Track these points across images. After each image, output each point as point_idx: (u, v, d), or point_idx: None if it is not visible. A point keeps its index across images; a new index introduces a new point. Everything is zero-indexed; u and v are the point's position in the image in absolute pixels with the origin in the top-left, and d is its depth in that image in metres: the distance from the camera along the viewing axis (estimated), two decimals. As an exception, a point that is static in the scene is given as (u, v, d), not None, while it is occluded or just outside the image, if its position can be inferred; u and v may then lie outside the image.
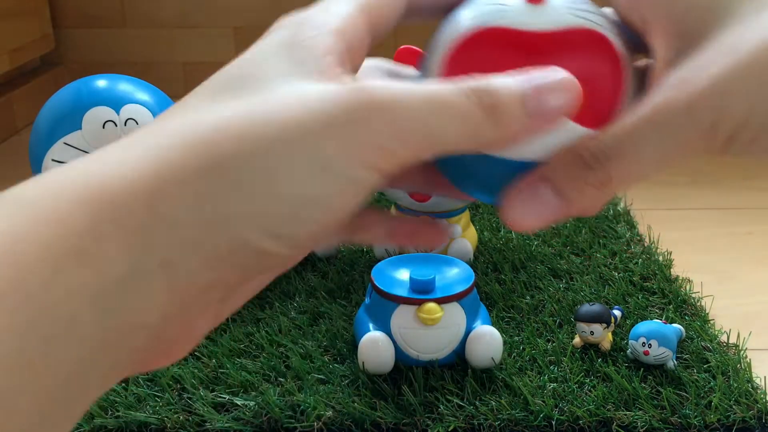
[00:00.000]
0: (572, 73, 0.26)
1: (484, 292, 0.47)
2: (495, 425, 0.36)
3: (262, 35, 0.25)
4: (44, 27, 1.01)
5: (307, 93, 0.21)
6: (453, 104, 0.22)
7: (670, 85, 0.25)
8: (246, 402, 0.37)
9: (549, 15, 0.27)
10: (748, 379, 0.38)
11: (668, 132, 0.24)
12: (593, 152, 0.25)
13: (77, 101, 0.44)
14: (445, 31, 0.27)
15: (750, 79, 0.23)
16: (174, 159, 0.20)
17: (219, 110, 0.21)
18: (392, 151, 0.21)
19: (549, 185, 0.25)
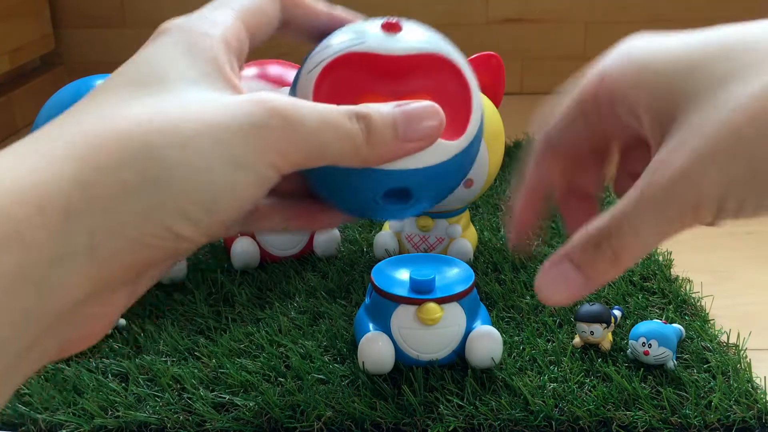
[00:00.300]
0: (426, 90, 0.31)
1: (484, 292, 0.47)
2: (495, 425, 0.36)
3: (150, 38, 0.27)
4: (44, 27, 1.01)
5: (219, 100, 0.24)
6: (340, 124, 0.25)
7: (653, 169, 0.27)
8: (246, 402, 0.37)
9: (402, 42, 0.31)
10: (748, 379, 0.38)
11: (657, 212, 0.27)
12: (600, 233, 0.28)
13: (77, 101, 0.44)
14: (315, 56, 0.31)
15: (719, 159, 0.26)
16: (101, 149, 0.21)
17: (139, 106, 0.23)
18: (289, 155, 0.24)
19: (570, 263, 0.29)
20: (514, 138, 0.81)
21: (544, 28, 1.05)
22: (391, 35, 0.31)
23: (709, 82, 0.28)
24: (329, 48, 0.31)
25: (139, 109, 0.23)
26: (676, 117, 0.28)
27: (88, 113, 0.23)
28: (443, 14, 1.04)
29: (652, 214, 0.27)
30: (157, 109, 0.23)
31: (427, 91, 0.31)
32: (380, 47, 0.31)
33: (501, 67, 0.49)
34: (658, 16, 1.04)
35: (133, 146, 0.22)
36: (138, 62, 0.26)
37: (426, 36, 0.32)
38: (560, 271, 0.29)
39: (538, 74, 1.06)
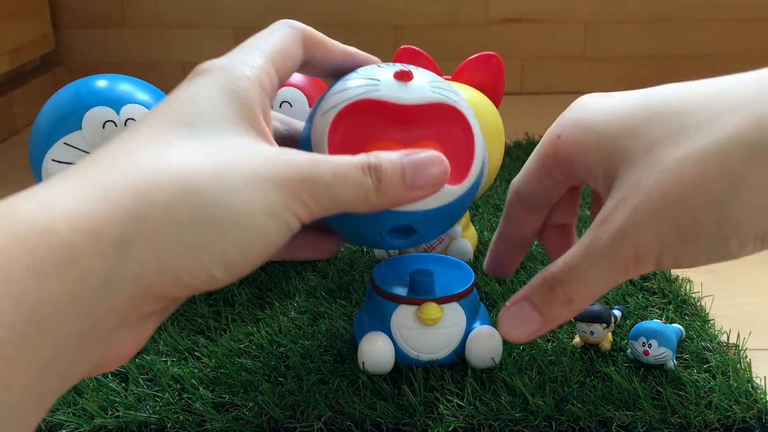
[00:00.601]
0: (433, 136, 0.33)
1: (484, 292, 0.47)
2: (495, 425, 0.36)
3: (190, 76, 0.29)
4: (44, 27, 1.01)
5: (256, 150, 0.26)
6: (353, 177, 0.28)
7: (598, 223, 0.30)
8: (246, 402, 0.37)
9: (414, 91, 0.33)
10: (748, 379, 0.38)
11: (603, 262, 0.30)
12: (554, 278, 0.32)
13: (77, 101, 0.44)
14: (331, 97, 0.33)
15: (651, 218, 0.29)
16: (157, 185, 0.23)
17: (186, 148, 0.25)
18: (310, 207, 0.26)
19: (529, 303, 0.32)
20: (514, 138, 0.81)
21: (544, 28, 1.05)
22: (403, 84, 0.32)
23: (646, 145, 0.30)
24: (345, 92, 0.34)
25: (188, 151, 0.25)
26: (619, 175, 0.31)
27: (139, 149, 0.25)
28: (443, 14, 1.04)
29: (598, 265, 0.30)
30: (205, 153, 0.25)
31: (434, 137, 0.34)
32: (392, 96, 0.33)
33: (501, 67, 0.49)
34: (658, 16, 1.04)
35: (185, 186, 0.23)
36: (180, 101, 0.28)
37: (435, 85, 0.34)
38: (519, 311, 0.33)
39: (538, 74, 1.06)
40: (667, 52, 1.05)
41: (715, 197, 0.27)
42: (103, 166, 0.23)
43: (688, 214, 0.28)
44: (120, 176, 0.23)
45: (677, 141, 0.29)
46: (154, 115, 0.27)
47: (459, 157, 0.34)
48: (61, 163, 0.43)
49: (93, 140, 0.44)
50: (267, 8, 1.04)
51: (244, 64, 0.30)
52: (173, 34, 1.06)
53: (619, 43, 1.04)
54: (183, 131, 0.26)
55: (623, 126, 0.31)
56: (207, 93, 0.28)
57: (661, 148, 0.29)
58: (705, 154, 0.28)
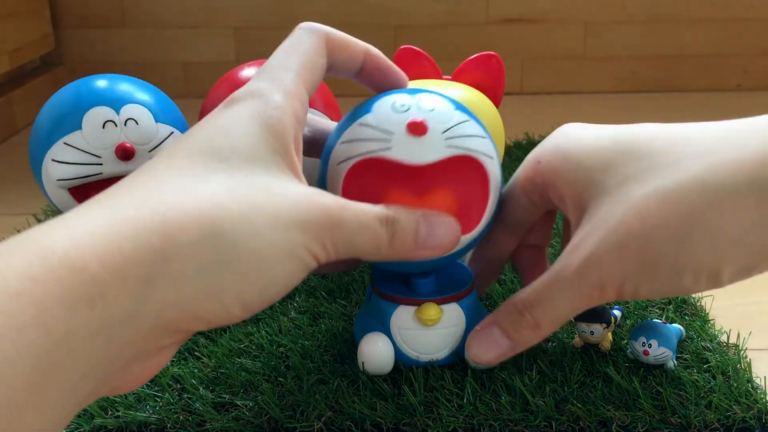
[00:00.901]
0: (448, 185, 0.34)
1: (486, 292, 0.47)
2: (495, 425, 0.36)
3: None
4: (44, 27, 1.01)
5: (284, 190, 0.27)
6: (372, 228, 0.29)
7: (566, 253, 0.33)
8: (246, 402, 0.37)
9: (427, 147, 0.33)
10: (748, 379, 0.38)
11: (569, 291, 0.32)
12: (523, 303, 0.33)
13: (77, 101, 0.44)
14: (344, 146, 0.34)
15: (616, 250, 0.31)
16: (184, 226, 0.24)
17: (216, 185, 0.25)
18: (328, 249, 0.27)
19: (498, 328, 0.34)
20: (514, 138, 0.81)
21: (544, 28, 1.05)
22: (416, 139, 0.32)
23: (618, 180, 0.32)
24: (357, 144, 0.34)
25: (218, 189, 0.25)
26: (590, 207, 0.33)
27: (171, 182, 0.25)
28: (443, 14, 1.04)
29: (565, 292, 0.32)
30: (233, 193, 0.25)
31: (449, 187, 0.34)
32: (405, 156, 0.33)
33: (501, 67, 0.49)
34: (658, 16, 1.04)
35: (211, 230, 0.24)
36: (215, 131, 0.28)
37: (451, 134, 0.34)
38: (488, 335, 0.34)
39: (538, 74, 1.06)
40: (667, 52, 1.05)
41: (675, 234, 0.30)
42: (135, 199, 0.24)
43: (650, 248, 0.30)
44: (150, 214, 0.23)
45: (645, 178, 0.31)
46: (189, 145, 0.27)
47: (472, 206, 0.35)
48: (61, 163, 0.43)
49: (93, 140, 0.44)
50: (267, 8, 1.04)
51: (277, 91, 0.30)
52: (173, 34, 1.06)
53: (619, 43, 1.04)
54: (215, 165, 0.26)
55: (599, 160, 0.33)
56: (241, 124, 0.28)
57: (630, 184, 0.31)
58: (668, 193, 0.30)
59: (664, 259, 0.30)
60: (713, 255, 0.30)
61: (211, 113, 0.30)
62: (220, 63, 1.06)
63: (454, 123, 0.34)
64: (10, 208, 0.70)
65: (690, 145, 0.31)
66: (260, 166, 0.27)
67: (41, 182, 0.45)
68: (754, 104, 1.00)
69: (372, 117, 0.34)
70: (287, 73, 0.31)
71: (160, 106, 0.46)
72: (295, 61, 0.31)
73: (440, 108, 0.34)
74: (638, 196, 0.31)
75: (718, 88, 1.06)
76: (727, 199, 0.29)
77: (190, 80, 1.07)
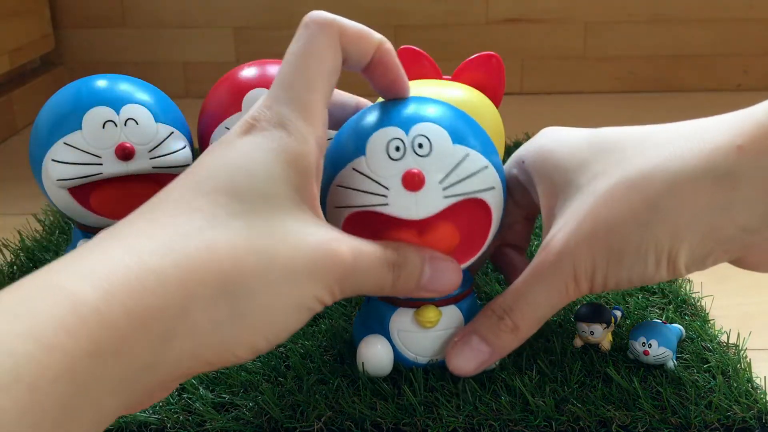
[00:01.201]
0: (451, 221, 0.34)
1: (484, 292, 0.47)
2: (495, 425, 0.36)
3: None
4: (44, 27, 1.01)
5: (303, 240, 0.27)
6: (379, 272, 0.30)
7: (540, 251, 0.34)
8: (246, 402, 0.37)
9: (425, 201, 0.33)
10: (748, 379, 0.38)
11: (546, 284, 0.33)
12: (501, 307, 0.34)
13: (77, 101, 0.44)
14: (339, 194, 0.33)
15: (586, 238, 0.32)
16: (202, 280, 0.24)
17: (235, 233, 0.26)
18: (334, 293, 0.28)
19: (477, 336, 0.35)
20: (514, 138, 0.81)
21: (544, 28, 1.05)
22: (413, 194, 0.33)
23: (588, 177, 0.34)
24: (354, 196, 0.33)
25: (236, 240, 0.26)
26: (563, 203, 0.34)
27: (190, 223, 0.26)
28: (443, 14, 1.04)
29: (541, 288, 0.33)
30: (251, 245, 0.26)
31: (452, 222, 0.34)
32: (403, 212, 0.33)
33: (501, 67, 0.49)
34: (658, 16, 1.04)
35: (228, 284, 0.25)
36: (235, 169, 0.28)
37: (450, 182, 0.33)
38: (468, 344, 0.35)
39: (538, 74, 1.06)
40: (667, 52, 1.05)
41: (639, 218, 0.31)
42: (157, 244, 0.25)
43: (617, 234, 0.32)
44: (172, 268, 0.24)
45: (613, 172, 0.33)
46: (212, 182, 0.27)
47: (475, 237, 0.35)
48: (61, 163, 0.43)
49: (93, 140, 0.44)
50: (267, 8, 1.04)
51: (300, 118, 0.29)
52: (173, 34, 1.06)
53: (619, 43, 1.04)
54: (236, 207, 0.26)
55: (574, 160, 0.35)
56: (264, 162, 0.28)
57: (599, 178, 0.33)
58: (633, 180, 0.32)
59: (629, 245, 0.32)
60: (671, 237, 0.31)
61: (231, 139, 0.29)
62: (220, 63, 1.06)
63: (453, 166, 0.33)
64: (10, 208, 0.70)
65: (653, 140, 0.33)
66: (280, 208, 0.27)
67: (41, 182, 0.45)
68: (754, 104, 1.00)
69: (366, 163, 0.33)
70: (308, 90, 0.30)
71: (160, 106, 0.46)
72: (313, 71, 0.30)
73: (437, 146, 0.33)
74: (605, 187, 0.33)
75: (718, 88, 1.06)
76: (685, 184, 0.31)
77: (190, 80, 1.07)
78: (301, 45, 0.30)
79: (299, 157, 0.28)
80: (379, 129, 0.33)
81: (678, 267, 0.32)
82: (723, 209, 0.31)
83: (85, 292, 0.22)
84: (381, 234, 0.34)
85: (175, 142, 0.45)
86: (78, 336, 0.21)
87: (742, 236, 0.32)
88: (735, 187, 0.31)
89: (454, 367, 0.36)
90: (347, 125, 0.36)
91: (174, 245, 0.25)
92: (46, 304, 0.21)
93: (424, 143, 0.33)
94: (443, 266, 0.33)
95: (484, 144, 0.35)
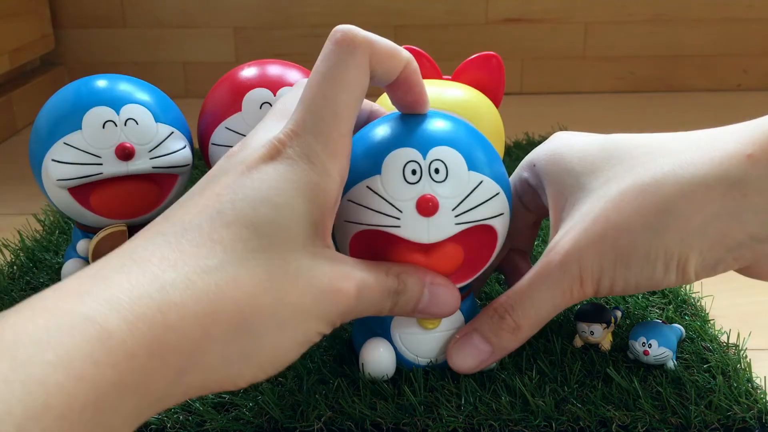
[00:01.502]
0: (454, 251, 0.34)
1: (484, 292, 0.47)
2: (495, 425, 0.36)
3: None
4: (44, 27, 1.01)
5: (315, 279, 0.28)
6: (380, 298, 0.31)
7: (547, 251, 0.34)
8: (246, 402, 0.37)
9: (437, 227, 0.33)
10: (748, 379, 0.38)
11: (550, 285, 0.33)
12: (503, 306, 0.34)
13: (77, 101, 0.44)
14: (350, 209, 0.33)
15: (594, 241, 0.32)
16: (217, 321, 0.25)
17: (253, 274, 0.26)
18: (335, 325, 0.29)
19: (477, 334, 0.35)
20: (514, 138, 0.81)
21: (544, 28, 1.05)
22: (425, 219, 0.33)
23: (600, 182, 0.34)
24: (364, 213, 0.33)
25: (252, 279, 0.26)
26: (573, 206, 0.34)
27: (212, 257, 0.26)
28: (443, 14, 1.04)
29: (546, 289, 0.33)
30: (266, 286, 0.27)
31: (457, 249, 0.34)
32: (414, 236, 0.33)
33: (501, 67, 0.49)
34: (658, 15, 1.04)
35: (241, 324, 0.26)
36: (258, 199, 0.28)
37: (462, 209, 0.33)
38: (469, 342, 0.35)
39: (538, 74, 1.06)
40: (667, 52, 1.05)
41: (649, 223, 0.31)
42: (181, 277, 0.25)
43: (626, 238, 0.32)
44: (193, 304, 0.25)
45: (624, 177, 0.33)
46: (234, 212, 0.27)
47: (478, 258, 0.36)
48: (61, 163, 0.43)
49: (93, 140, 0.44)
50: (267, 8, 1.04)
51: (325, 152, 0.29)
52: (173, 34, 1.06)
53: (619, 43, 1.04)
54: (255, 242, 0.27)
55: (586, 164, 0.35)
56: (287, 195, 0.28)
57: (610, 183, 0.33)
58: (644, 185, 0.32)
59: (638, 249, 0.32)
60: (681, 243, 0.31)
61: (255, 163, 0.29)
62: (220, 63, 1.06)
63: (467, 194, 0.33)
64: (10, 208, 0.70)
65: (666, 148, 0.33)
66: (297, 244, 0.28)
67: (41, 182, 0.45)
68: (754, 104, 1.00)
69: (381, 183, 0.33)
70: (335, 121, 0.29)
71: (160, 106, 0.46)
72: (342, 102, 0.30)
73: (453, 173, 0.33)
74: (615, 191, 0.33)
75: (718, 88, 1.06)
76: (696, 190, 0.31)
77: (190, 80, 1.07)
78: (330, 68, 0.30)
79: (321, 193, 0.29)
80: (396, 149, 0.33)
81: (688, 273, 0.32)
82: (733, 217, 0.31)
83: (112, 323, 0.23)
84: (388, 253, 0.34)
85: (175, 142, 0.46)
86: (104, 367, 0.22)
87: (752, 244, 0.32)
88: (745, 194, 0.31)
89: (455, 364, 0.36)
90: (362, 138, 0.35)
91: (196, 279, 0.25)
92: (75, 335, 0.22)
93: (440, 169, 0.33)
94: (442, 291, 0.34)
95: (496, 168, 0.35)
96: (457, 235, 0.33)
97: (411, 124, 0.34)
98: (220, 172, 0.30)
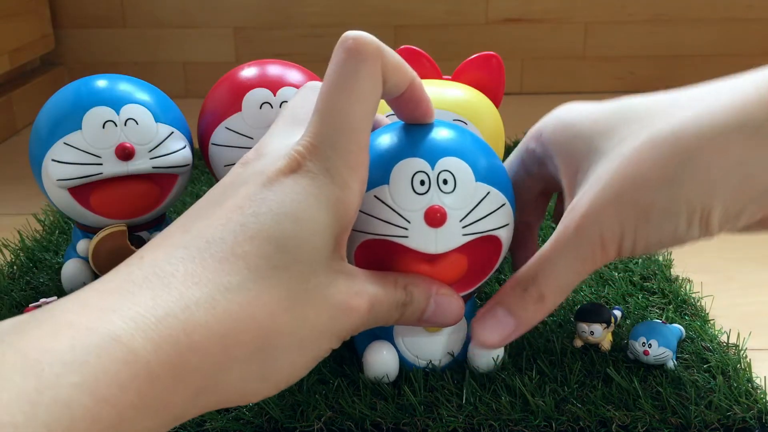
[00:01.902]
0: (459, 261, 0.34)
1: (485, 292, 0.47)
2: (495, 425, 0.36)
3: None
4: (44, 27, 1.01)
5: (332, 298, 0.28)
6: (387, 312, 0.31)
7: (565, 215, 0.32)
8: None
9: (445, 238, 0.33)
10: (748, 379, 0.38)
11: (571, 251, 0.32)
12: (525, 278, 0.33)
13: (77, 101, 0.44)
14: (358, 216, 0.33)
15: (613, 200, 0.31)
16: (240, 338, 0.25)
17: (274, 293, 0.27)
18: (346, 339, 0.29)
19: (502, 307, 0.33)
20: (514, 138, 0.81)
21: (544, 28, 1.05)
22: (433, 230, 0.33)
23: (614, 143, 0.32)
24: (371, 222, 0.33)
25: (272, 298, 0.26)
26: (587, 170, 0.33)
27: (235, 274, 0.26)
28: (443, 14, 1.04)
29: (567, 255, 0.32)
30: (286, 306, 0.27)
31: (462, 258, 0.34)
32: (421, 246, 0.33)
33: (501, 67, 0.49)
34: (658, 15, 1.04)
35: (263, 341, 0.26)
36: (282, 213, 0.28)
37: (469, 220, 0.33)
38: (493, 316, 0.34)
39: (538, 74, 1.06)
40: (667, 52, 1.05)
41: (668, 175, 0.30)
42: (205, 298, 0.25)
43: (645, 193, 0.30)
44: (216, 325, 0.25)
45: (640, 133, 0.31)
46: (258, 226, 0.27)
47: (482, 267, 0.35)
48: (61, 163, 0.43)
49: (93, 140, 0.44)
50: (267, 8, 1.04)
51: (345, 166, 0.29)
52: (173, 34, 1.06)
53: (619, 43, 1.04)
54: (277, 260, 0.27)
55: (599, 127, 0.34)
56: (310, 209, 0.28)
57: (625, 141, 0.32)
58: (662, 137, 0.30)
59: (658, 204, 0.30)
60: (703, 194, 0.30)
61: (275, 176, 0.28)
62: (220, 63, 1.06)
63: (474, 205, 0.33)
64: (10, 208, 0.70)
65: (682, 101, 0.32)
66: (317, 259, 0.28)
67: (41, 182, 0.45)
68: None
69: (389, 193, 0.33)
70: (353, 133, 0.29)
71: (160, 106, 0.46)
72: (359, 113, 0.29)
73: (461, 184, 0.33)
74: (631, 148, 0.31)
75: (718, 88, 1.06)
76: (716, 138, 0.29)
77: (190, 80, 1.07)
78: (345, 77, 0.29)
79: (342, 206, 0.29)
80: (405, 159, 0.33)
81: (711, 225, 0.30)
82: (755, 163, 0.29)
83: (137, 343, 0.23)
84: (394, 263, 0.34)
85: (175, 142, 0.45)
86: (128, 389, 0.22)
87: None
88: (766, 140, 0.29)
89: (479, 338, 0.34)
90: (370, 147, 0.35)
91: (219, 298, 0.25)
92: (101, 355, 0.22)
93: (449, 180, 0.33)
94: (447, 301, 0.33)
95: (501, 179, 0.35)
96: (463, 245, 0.33)
97: (418, 134, 0.34)
98: (238, 181, 0.29)
